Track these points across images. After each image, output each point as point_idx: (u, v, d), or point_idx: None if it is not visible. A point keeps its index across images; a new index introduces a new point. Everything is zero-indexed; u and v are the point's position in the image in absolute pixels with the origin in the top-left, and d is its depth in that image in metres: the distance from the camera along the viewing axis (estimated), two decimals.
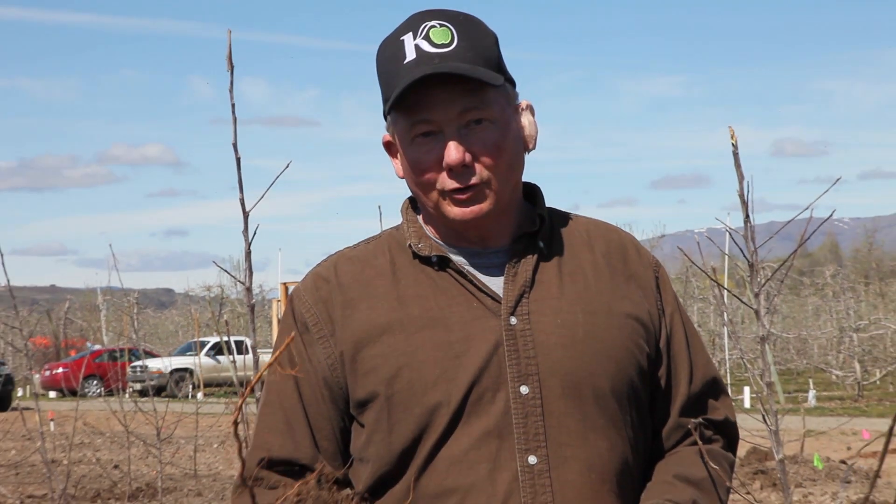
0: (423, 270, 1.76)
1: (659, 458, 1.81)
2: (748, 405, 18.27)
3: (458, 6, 1.79)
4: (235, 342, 23.46)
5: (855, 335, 24.04)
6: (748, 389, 19.40)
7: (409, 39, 1.72)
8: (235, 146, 2.65)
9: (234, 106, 2.61)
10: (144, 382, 27.39)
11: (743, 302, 2.83)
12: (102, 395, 27.59)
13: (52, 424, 16.32)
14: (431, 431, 1.68)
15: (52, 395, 30.48)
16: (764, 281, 2.82)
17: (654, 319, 1.80)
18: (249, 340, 2.87)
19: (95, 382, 30.15)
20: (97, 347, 35.11)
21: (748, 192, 2.73)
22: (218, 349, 28.95)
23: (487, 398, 1.68)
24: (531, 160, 1.81)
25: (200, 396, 23.69)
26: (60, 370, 30.78)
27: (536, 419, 1.68)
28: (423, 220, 1.83)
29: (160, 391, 26.96)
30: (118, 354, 28.65)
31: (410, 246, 1.78)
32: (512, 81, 1.79)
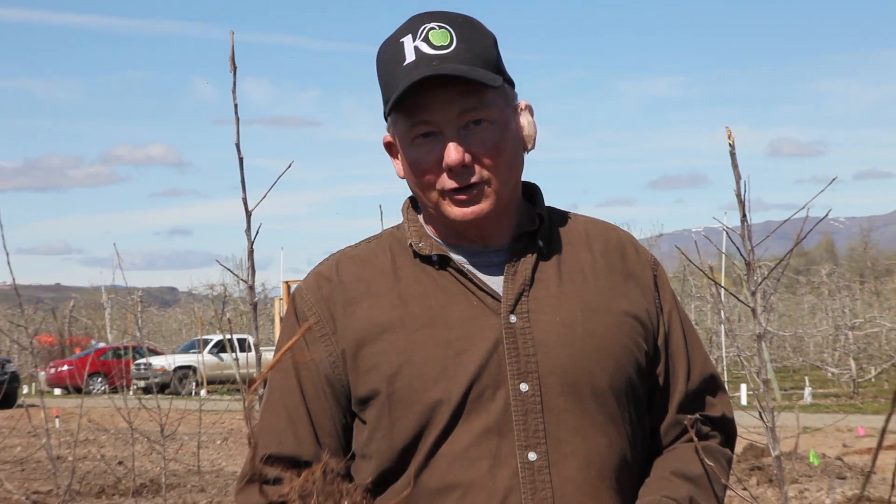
0: (423, 269, 1.76)
1: (657, 454, 1.81)
2: (745, 402, 18.25)
3: (457, 8, 1.79)
4: (238, 340, 23.46)
5: (850, 333, 24.03)
6: (745, 387, 19.38)
7: (408, 41, 1.71)
8: (238, 146, 2.65)
9: (236, 106, 2.60)
10: (148, 380, 27.42)
11: (740, 300, 2.83)
12: (107, 392, 27.53)
13: (57, 421, 16.31)
14: (432, 428, 1.68)
15: (57, 392, 30.52)
16: (760, 279, 2.82)
17: (652, 317, 1.80)
18: (252, 338, 2.87)
19: (100, 380, 30.13)
20: (102, 345, 35.06)
21: (745, 191, 2.73)
22: (221, 347, 28.96)
23: (488, 395, 1.68)
24: (530, 160, 1.81)
25: (203, 394, 23.71)
26: (65, 368, 30.79)
27: (536, 416, 1.68)
28: (423, 219, 1.83)
29: (164, 388, 26.98)
30: (122, 352, 28.61)
31: (411, 245, 1.78)
32: (511, 82, 1.78)
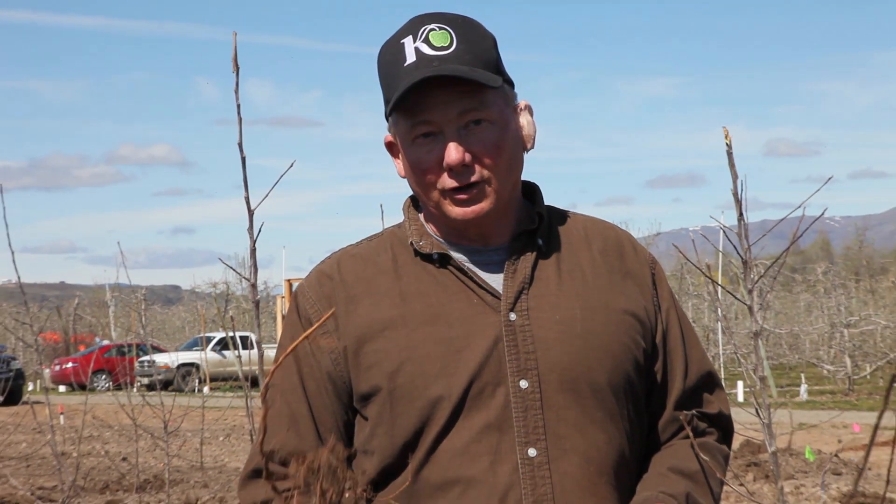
0: (424, 267, 1.77)
1: (655, 450, 1.81)
2: (741, 399, 18.26)
3: (458, 9, 1.79)
4: (241, 337, 23.47)
5: (846, 331, 24.03)
6: (741, 384, 19.38)
7: (409, 42, 1.71)
8: (241, 146, 2.65)
9: (239, 107, 2.60)
10: (152, 377, 27.39)
11: (737, 298, 2.83)
12: (111, 389, 27.51)
13: (61, 418, 16.30)
14: (433, 424, 1.68)
15: (61, 389, 30.51)
16: (757, 278, 2.82)
17: (650, 315, 1.80)
18: (254, 336, 2.87)
19: (104, 377, 30.13)
20: (106, 343, 35.07)
21: (742, 190, 2.73)
22: (224, 344, 28.95)
23: (488, 392, 1.68)
24: (530, 159, 1.81)
25: (206, 390, 23.71)
26: (70, 365, 30.80)
27: (536, 413, 1.68)
28: (424, 218, 1.83)
29: (167, 385, 26.98)
30: (126, 350, 28.63)
31: (412, 243, 1.78)
32: (511, 82, 1.78)
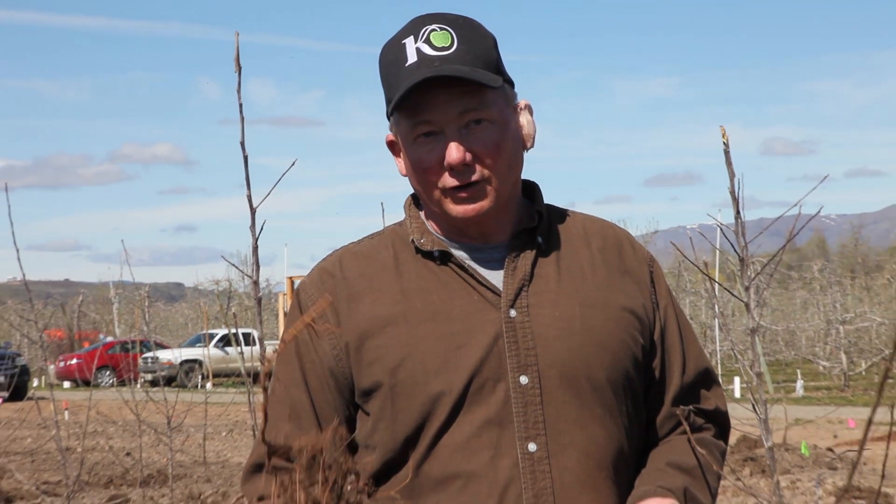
0: (425, 265, 1.77)
1: (653, 446, 1.82)
2: (738, 395, 18.27)
3: (458, 9, 1.79)
4: (243, 334, 23.48)
5: (841, 327, 24.04)
6: (738, 380, 19.40)
7: (410, 43, 1.71)
8: (243, 145, 2.65)
9: (241, 106, 2.61)
10: (155, 373, 27.32)
11: (734, 295, 2.83)
12: (115, 385, 27.57)
13: (66, 413, 16.31)
14: (434, 419, 1.68)
15: (66, 385, 30.51)
16: (754, 275, 2.82)
17: (648, 312, 1.80)
18: (257, 332, 2.87)
19: (108, 373, 30.16)
20: (110, 339, 35.11)
21: (739, 189, 2.73)
22: (226, 341, 28.97)
23: (488, 388, 1.68)
24: (529, 158, 1.81)
25: (209, 387, 23.69)
26: (74, 361, 30.80)
27: (536, 408, 1.68)
28: (425, 215, 1.83)
29: (170, 381, 26.93)
30: (130, 346, 28.64)
31: (413, 241, 1.78)
32: (511, 82, 1.78)
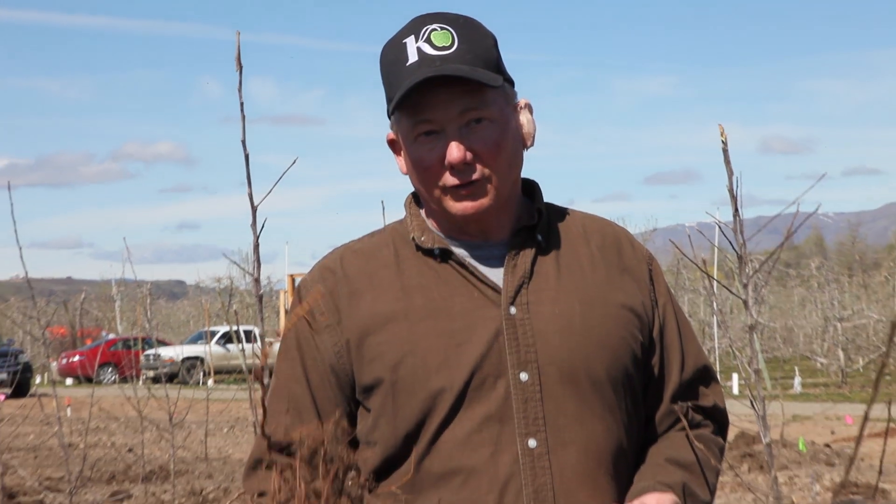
0: (426, 262, 1.77)
1: (652, 442, 1.82)
2: (737, 392, 18.28)
3: (459, 9, 1.79)
4: (244, 331, 23.46)
5: (839, 325, 24.05)
6: (736, 376, 19.40)
7: (411, 42, 1.72)
8: (244, 143, 2.65)
9: (242, 105, 2.60)
10: (157, 370, 27.46)
11: (732, 293, 2.83)
12: (117, 381, 27.55)
13: (68, 410, 16.32)
14: (435, 415, 1.68)
15: (68, 381, 30.52)
16: (752, 272, 2.82)
17: (647, 310, 1.81)
18: (258, 330, 2.87)
19: (110, 370, 30.14)
20: (112, 336, 35.08)
21: (737, 187, 2.73)
22: (227, 338, 28.98)
23: (489, 384, 1.68)
24: (529, 156, 1.81)
25: (211, 383, 23.70)
26: (77, 358, 30.85)
27: (536, 404, 1.68)
28: (425, 213, 1.83)
29: (172, 378, 26.98)
30: (132, 343, 28.61)
31: (414, 239, 1.78)
32: (511, 81, 1.78)
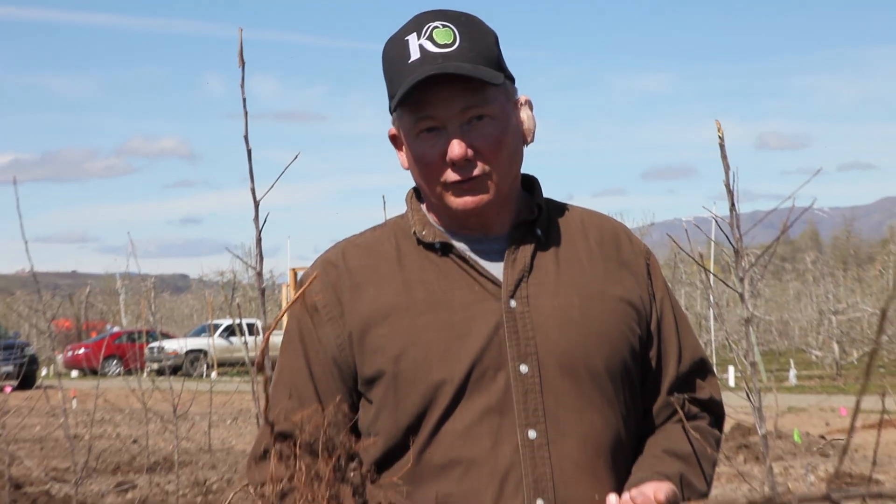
0: (426, 256, 1.77)
1: (649, 433, 1.82)
2: (733, 384, 18.28)
3: (459, 6, 1.79)
4: (247, 324, 23.45)
5: (834, 318, 24.04)
6: (733, 369, 19.40)
7: (413, 39, 1.71)
8: (247, 139, 2.65)
9: (245, 101, 2.60)
10: (161, 362, 27.44)
11: (728, 286, 2.83)
12: (122, 374, 27.58)
13: (74, 402, 16.35)
14: (436, 407, 1.68)
15: (74, 374, 30.53)
16: (748, 266, 2.83)
17: (645, 304, 1.81)
18: (260, 323, 2.87)
19: (115, 362, 30.17)
20: (116, 329, 35.11)
21: (733, 182, 2.73)
22: (230, 331, 28.98)
23: (489, 376, 1.68)
24: (529, 152, 1.81)
25: (214, 376, 23.68)
26: (82, 351, 30.85)
27: (535, 396, 1.68)
28: (426, 208, 1.83)
29: (176, 371, 27.01)
30: (136, 336, 28.68)
31: (415, 233, 1.78)
32: (511, 78, 1.78)
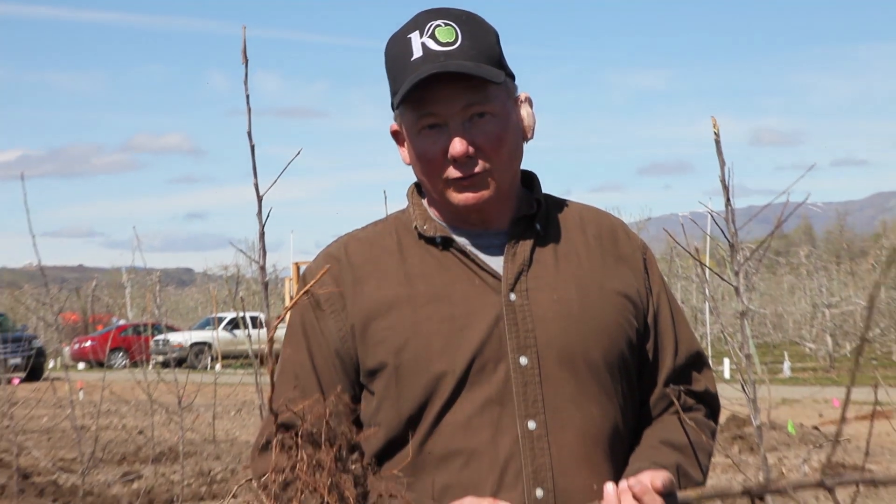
0: (428, 250, 1.77)
1: (646, 425, 1.82)
2: (728, 376, 18.29)
3: (461, 5, 1.79)
4: (251, 317, 23.47)
5: (827, 311, 24.07)
6: (728, 361, 19.42)
7: (415, 38, 1.72)
8: (250, 135, 2.64)
9: (248, 97, 2.59)
10: (166, 355, 27.47)
11: (724, 280, 2.83)
12: (128, 366, 27.57)
13: (81, 393, 16.35)
14: (437, 398, 1.69)
15: (80, 366, 30.55)
16: (743, 260, 2.83)
17: (642, 297, 1.81)
18: (263, 316, 2.87)
19: (121, 355, 30.15)
20: (122, 322, 35.12)
21: (729, 177, 2.73)
22: (234, 324, 29.00)
23: (489, 368, 1.69)
24: (528, 148, 1.81)
25: (218, 368, 23.72)
26: (88, 343, 30.88)
27: (535, 388, 1.69)
28: (427, 203, 1.83)
29: (181, 363, 27.01)
30: (142, 329, 28.65)
31: (416, 227, 1.79)
32: (512, 75, 1.79)
